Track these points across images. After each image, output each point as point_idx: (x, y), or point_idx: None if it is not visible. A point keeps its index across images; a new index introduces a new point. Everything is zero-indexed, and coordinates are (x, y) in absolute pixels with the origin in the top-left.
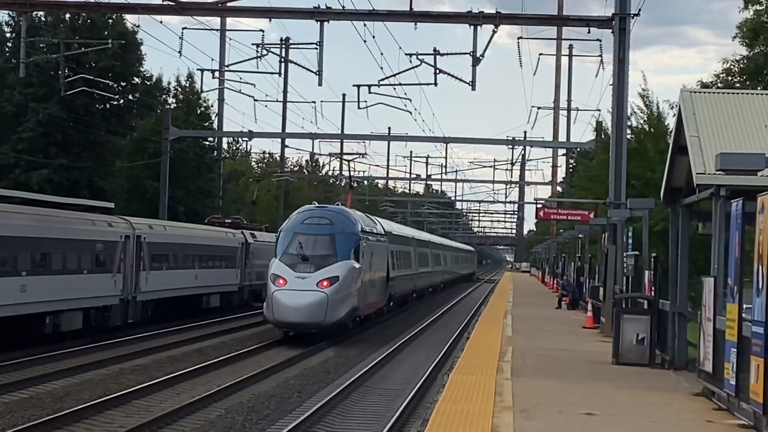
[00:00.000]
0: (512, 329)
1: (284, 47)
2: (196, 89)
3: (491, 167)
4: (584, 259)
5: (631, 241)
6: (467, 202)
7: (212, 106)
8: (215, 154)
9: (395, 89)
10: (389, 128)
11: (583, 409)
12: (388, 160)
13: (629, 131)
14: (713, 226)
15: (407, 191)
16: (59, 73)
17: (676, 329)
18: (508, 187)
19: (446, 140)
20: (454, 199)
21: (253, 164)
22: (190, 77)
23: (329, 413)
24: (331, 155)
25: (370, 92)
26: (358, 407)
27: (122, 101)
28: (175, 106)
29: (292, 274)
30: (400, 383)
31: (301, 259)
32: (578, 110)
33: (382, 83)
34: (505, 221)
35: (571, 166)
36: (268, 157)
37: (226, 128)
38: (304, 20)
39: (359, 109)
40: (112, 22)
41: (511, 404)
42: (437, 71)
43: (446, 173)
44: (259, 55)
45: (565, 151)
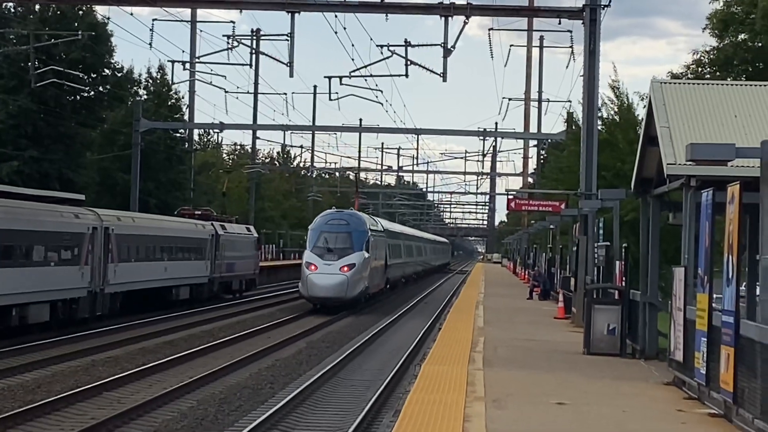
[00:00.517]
0: (484, 320)
1: (255, 39)
2: (167, 81)
3: (462, 158)
4: (555, 249)
5: (602, 231)
6: (439, 193)
7: (183, 97)
8: (186, 145)
9: (366, 81)
10: (360, 120)
11: (554, 398)
12: (359, 151)
13: (600, 122)
14: (684, 216)
15: (379, 182)
16: (29, 64)
17: (646, 319)
18: (479, 178)
19: (418, 132)
20: (425, 190)
21: (224, 156)
22: (161, 69)
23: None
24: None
25: (341, 84)
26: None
27: (93, 93)
28: (146, 97)
29: (321, 261)
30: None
31: (327, 250)
32: (549, 101)
33: (353, 75)
34: (476, 212)
35: (542, 157)
36: (239, 148)
37: (197, 120)
38: (275, 11)
39: (330, 100)
40: (82, 13)
41: (483, 394)
42: (408, 63)
43: (418, 165)
44: (229, 46)
45: (536, 142)
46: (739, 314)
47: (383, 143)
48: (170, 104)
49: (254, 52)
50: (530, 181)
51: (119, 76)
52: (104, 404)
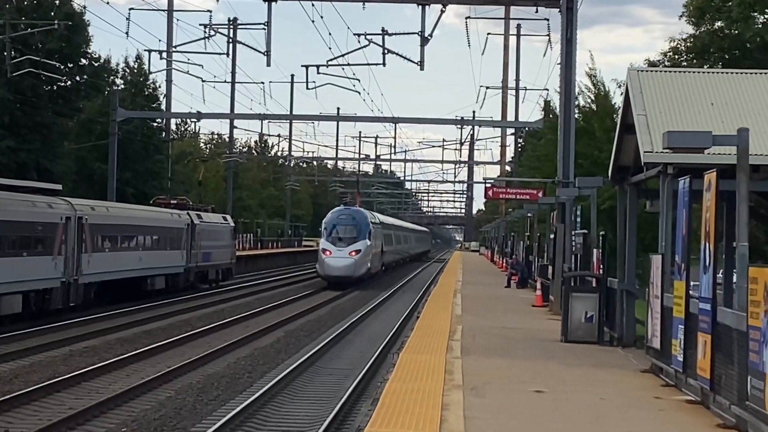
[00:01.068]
0: (462, 308)
1: (232, 28)
2: (144, 70)
3: (440, 147)
4: (533, 237)
5: (579, 219)
6: (416, 182)
7: (160, 87)
8: (163, 135)
9: (344, 69)
10: (338, 108)
11: (532, 386)
12: (337, 140)
13: (577, 110)
14: (660, 204)
15: (356, 171)
16: (5, 54)
17: (624, 307)
18: (457, 166)
19: (395, 120)
20: (403, 179)
21: (201, 145)
22: (138, 58)
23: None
24: (279, 136)
25: (318, 73)
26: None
27: (69, 83)
28: (123, 87)
29: (334, 248)
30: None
31: (338, 239)
32: (526, 90)
33: (330, 63)
34: (454, 201)
35: (519, 145)
36: (217, 138)
37: (174, 109)
38: (252, 0)
39: (308, 89)
40: (58, 3)
41: (461, 383)
42: (386, 51)
43: (395, 153)
44: (206, 35)
45: (513, 130)
46: (716, 301)
47: (361, 132)
48: (147, 94)
49: (231, 41)
50: (508, 169)
51: (96, 65)
52: (82, 394)
